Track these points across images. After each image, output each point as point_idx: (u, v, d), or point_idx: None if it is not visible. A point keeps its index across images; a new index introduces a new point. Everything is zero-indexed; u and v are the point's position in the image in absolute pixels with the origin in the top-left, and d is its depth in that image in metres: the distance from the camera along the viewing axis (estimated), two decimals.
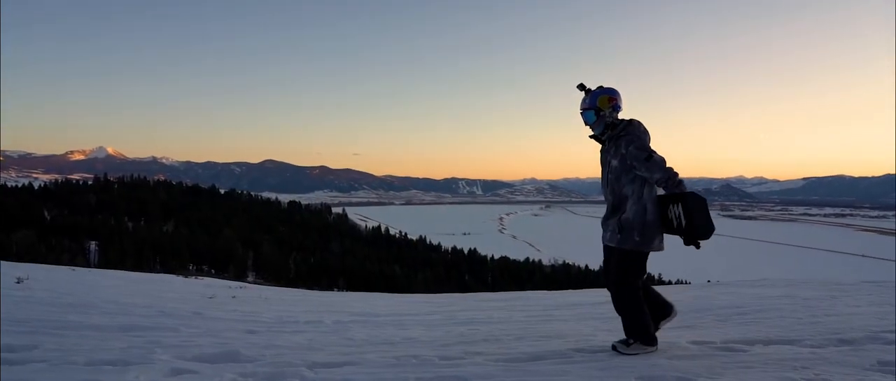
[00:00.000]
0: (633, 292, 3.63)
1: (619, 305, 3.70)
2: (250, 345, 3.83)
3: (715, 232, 3.42)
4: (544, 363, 3.41)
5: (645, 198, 3.57)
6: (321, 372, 3.16)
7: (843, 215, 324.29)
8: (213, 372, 3.05)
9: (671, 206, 3.48)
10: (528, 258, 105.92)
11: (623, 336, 3.76)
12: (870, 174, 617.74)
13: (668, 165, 3.50)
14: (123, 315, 4.93)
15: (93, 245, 77.18)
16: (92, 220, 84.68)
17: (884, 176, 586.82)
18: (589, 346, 3.92)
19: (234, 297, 7.75)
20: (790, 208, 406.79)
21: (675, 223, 3.46)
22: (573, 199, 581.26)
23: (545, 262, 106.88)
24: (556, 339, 4.29)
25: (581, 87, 3.73)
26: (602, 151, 3.81)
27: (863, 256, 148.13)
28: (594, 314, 5.82)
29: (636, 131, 3.59)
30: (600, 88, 3.69)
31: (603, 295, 7.36)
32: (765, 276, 14.48)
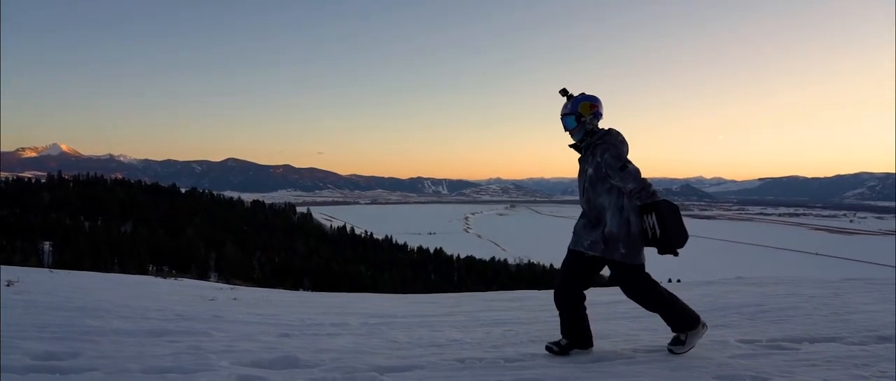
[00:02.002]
0: (659, 295, 3.56)
1: (654, 308, 3.62)
2: (299, 349, 3.69)
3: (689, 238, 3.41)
4: (612, 365, 3.38)
5: (626, 209, 3.47)
6: (393, 377, 3.06)
7: (797, 215, 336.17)
8: (282, 379, 2.91)
9: (645, 216, 3.43)
10: (493, 258, 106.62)
11: (671, 334, 3.74)
12: (822, 175, 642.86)
13: (642, 176, 3.43)
14: (142, 319, 4.71)
15: (47, 246, 74.38)
16: (45, 219, 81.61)
17: (834, 177, 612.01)
18: (643, 346, 3.91)
19: (235, 299, 7.53)
20: (747, 207, 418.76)
21: (650, 234, 3.42)
22: (538, 199, 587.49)
23: (510, 261, 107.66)
24: (601, 339, 4.26)
25: (563, 92, 3.66)
26: (580, 160, 3.72)
27: (816, 254, 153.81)
28: (617, 314, 5.83)
29: (614, 140, 3.53)
30: (583, 94, 3.64)
31: (612, 294, 7.40)
32: (726, 275, 14.81)
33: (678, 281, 12.69)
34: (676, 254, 3.40)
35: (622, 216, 3.46)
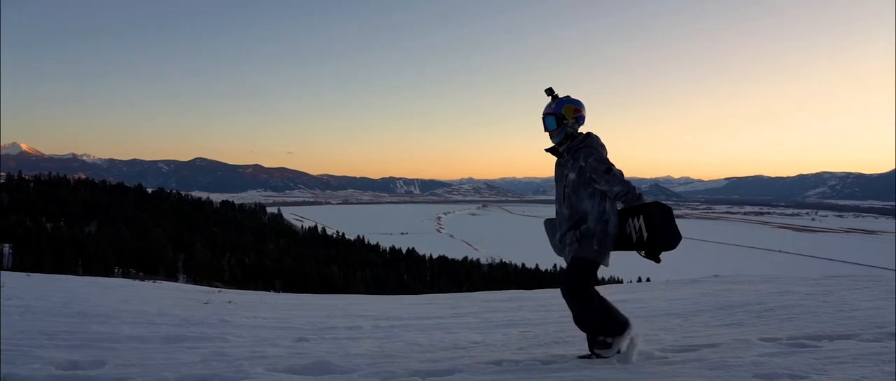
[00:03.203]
0: (594, 301, 3.39)
1: (586, 319, 3.44)
2: (327, 353, 3.61)
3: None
4: (649, 365, 3.38)
5: (607, 212, 3.41)
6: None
7: (762, 213, 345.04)
8: None
9: (630, 220, 3.35)
10: (466, 257, 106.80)
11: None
12: (785, 175, 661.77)
13: (626, 178, 3.36)
14: (149, 324, 4.56)
15: (6, 248, 71.90)
16: (5, 220, 78.85)
17: (797, 176, 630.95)
18: (669, 346, 3.93)
19: (229, 303, 7.35)
20: (714, 206, 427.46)
21: (633, 238, 3.32)
22: (510, 198, 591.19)
23: (483, 261, 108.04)
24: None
25: (549, 91, 3.57)
26: (558, 164, 3.64)
27: (779, 251, 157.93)
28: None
29: (595, 144, 3.47)
30: (568, 97, 3.56)
31: (610, 293, 7.45)
32: (699, 273, 15.06)
33: (666, 281, 12.82)
34: (658, 260, 3.28)
35: (602, 219, 3.40)
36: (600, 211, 3.40)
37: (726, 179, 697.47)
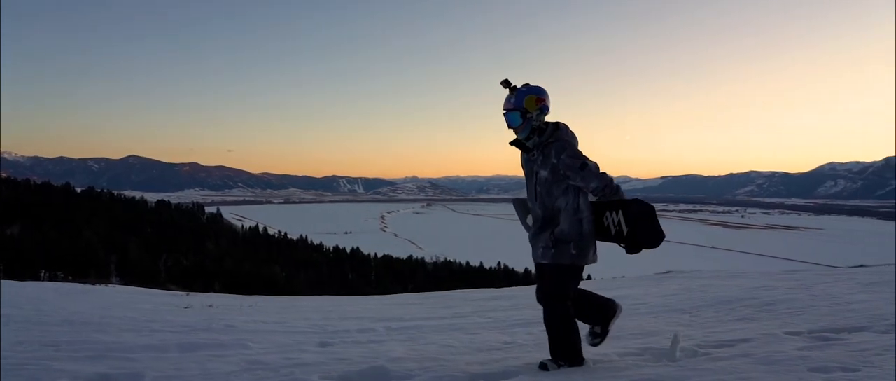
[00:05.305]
0: (566, 309, 3.27)
1: (552, 322, 3.29)
2: (366, 358, 3.42)
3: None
4: (703, 361, 3.37)
5: (581, 209, 3.21)
6: None
7: (696, 211, 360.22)
8: None
9: (608, 213, 3.18)
10: (411, 256, 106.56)
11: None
12: (716, 173, 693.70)
13: (602, 171, 3.16)
14: (151, 332, 4.25)
15: None
16: None
17: (728, 175, 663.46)
18: (705, 341, 3.96)
19: (210, 306, 6.99)
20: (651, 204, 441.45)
21: (612, 231, 3.16)
22: (454, 197, 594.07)
23: (427, 259, 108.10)
24: (650, 336, 4.29)
25: (505, 83, 3.26)
26: (525, 159, 3.37)
27: (711, 247, 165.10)
28: (630, 311, 5.87)
29: (565, 137, 3.24)
30: (527, 86, 3.25)
31: (607, 291, 7.49)
32: (648, 270, 15.54)
33: (622, 277, 13.11)
34: (639, 252, 3.11)
35: (576, 216, 3.20)
36: (574, 208, 3.21)
37: (662, 177, 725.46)
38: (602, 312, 3.46)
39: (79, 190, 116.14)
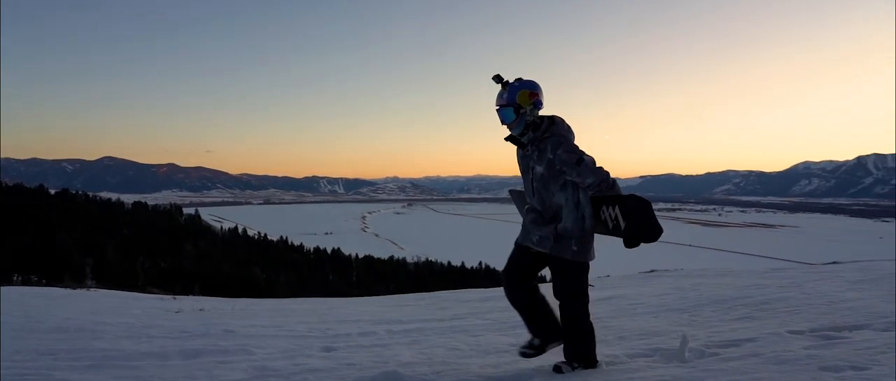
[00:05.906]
0: (585, 308, 3.25)
1: (569, 320, 3.26)
2: (376, 363, 3.36)
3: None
4: (712, 362, 3.37)
5: (582, 205, 3.20)
6: None
7: (674, 209, 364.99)
8: None
9: (604, 207, 3.18)
10: (392, 257, 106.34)
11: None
12: (694, 173, 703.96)
13: (598, 165, 3.17)
14: (148, 338, 4.14)
15: None
16: None
17: (705, 174, 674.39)
18: (710, 341, 3.96)
19: (201, 310, 6.84)
20: None
21: (609, 225, 3.16)
22: (434, 197, 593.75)
23: (409, 260, 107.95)
24: (654, 336, 4.28)
25: (497, 78, 3.22)
26: (521, 155, 3.36)
27: (690, 245, 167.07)
28: (627, 310, 5.89)
29: (561, 131, 3.20)
30: (520, 80, 3.21)
31: (606, 290, 7.51)
32: (631, 269, 15.66)
33: (607, 276, 13.17)
34: (637, 245, 3.06)
35: (578, 212, 3.19)
36: (575, 203, 3.19)
37: (641, 176, 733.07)
38: (551, 330, 3.36)
39: (53, 192, 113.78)
